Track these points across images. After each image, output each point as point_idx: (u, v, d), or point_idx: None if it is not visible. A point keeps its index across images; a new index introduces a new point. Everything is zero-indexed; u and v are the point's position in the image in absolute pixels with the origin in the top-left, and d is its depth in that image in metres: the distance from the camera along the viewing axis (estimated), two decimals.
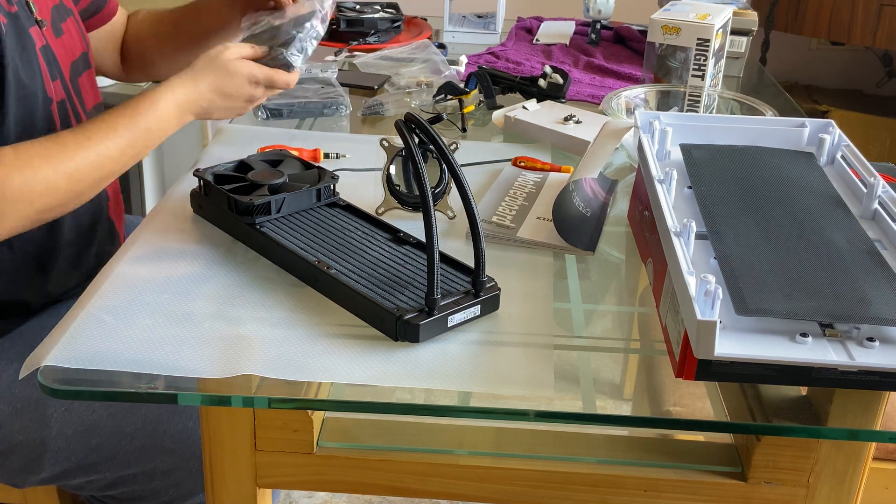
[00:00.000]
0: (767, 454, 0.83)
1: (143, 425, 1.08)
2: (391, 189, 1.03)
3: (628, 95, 1.35)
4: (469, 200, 0.83)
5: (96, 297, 0.87)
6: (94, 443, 1.08)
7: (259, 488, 0.88)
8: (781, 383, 0.77)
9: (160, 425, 1.08)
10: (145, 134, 1.01)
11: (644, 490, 0.85)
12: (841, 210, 0.89)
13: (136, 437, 1.08)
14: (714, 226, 0.85)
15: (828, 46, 2.93)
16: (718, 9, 1.51)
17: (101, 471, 1.09)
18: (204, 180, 1.00)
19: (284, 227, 0.96)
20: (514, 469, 0.86)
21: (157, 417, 1.09)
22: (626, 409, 1.18)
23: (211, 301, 0.87)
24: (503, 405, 0.77)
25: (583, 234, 1.01)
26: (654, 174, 0.91)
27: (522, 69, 1.62)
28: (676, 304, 0.77)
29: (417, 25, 1.81)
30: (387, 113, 1.39)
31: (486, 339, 0.83)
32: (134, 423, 1.08)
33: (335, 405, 0.79)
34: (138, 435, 1.08)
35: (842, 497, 0.84)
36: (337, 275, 0.87)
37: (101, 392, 0.77)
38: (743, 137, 1.03)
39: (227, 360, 0.78)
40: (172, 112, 1.03)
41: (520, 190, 1.12)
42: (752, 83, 1.71)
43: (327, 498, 1.83)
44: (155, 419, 1.09)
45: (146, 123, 1.01)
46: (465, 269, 0.89)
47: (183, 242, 0.98)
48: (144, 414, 1.09)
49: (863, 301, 0.75)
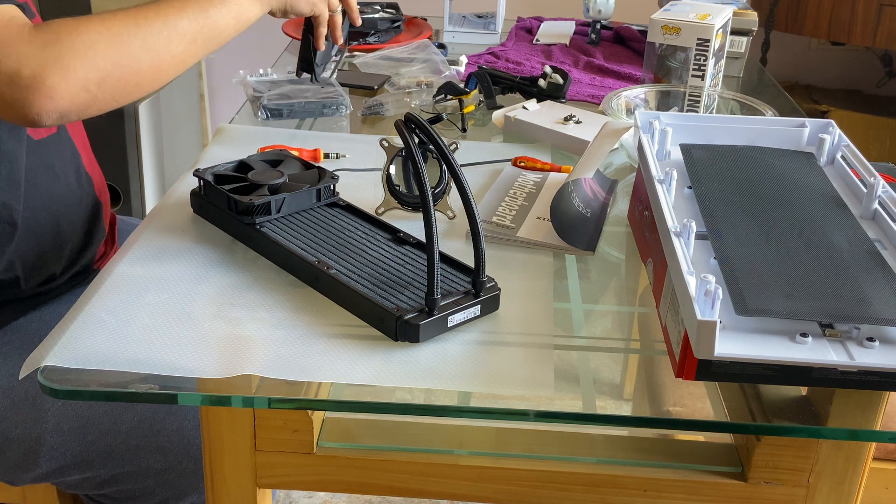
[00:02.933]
0: (767, 454, 0.83)
1: (138, 424, 1.08)
2: (391, 189, 1.03)
3: (628, 95, 1.35)
4: (469, 200, 0.83)
5: (96, 297, 0.87)
6: (89, 439, 1.08)
7: (259, 488, 0.88)
8: (781, 383, 0.77)
9: (155, 424, 1.08)
10: (220, 23, 1.02)
11: (644, 490, 0.85)
12: (841, 210, 0.89)
13: (131, 434, 1.08)
14: (714, 226, 0.85)
15: (828, 46, 2.93)
16: (718, 9, 1.51)
17: (95, 467, 1.09)
18: (204, 180, 1.00)
19: (284, 227, 0.96)
20: (514, 469, 0.86)
21: (153, 416, 1.09)
22: (626, 409, 1.18)
23: (211, 301, 0.87)
24: (503, 405, 0.77)
25: (582, 234, 1.01)
26: (654, 174, 0.91)
27: (522, 69, 1.62)
28: (676, 304, 0.77)
29: (417, 25, 1.81)
30: (387, 113, 1.39)
31: (486, 339, 0.83)
32: (129, 422, 1.08)
33: (335, 405, 0.79)
34: (133, 433, 1.08)
35: (842, 497, 0.84)
36: (337, 275, 0.87)
37: (101, 392, 0.77)
38: (743, 137, 1.03)
39: (227, 361, 0.78)
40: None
41: (520, 190, 1.12)
42: (752, 83, 1.71)
43: (327, 498, 1.83)
44: (150, 418, 1.09)
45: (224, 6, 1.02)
46: (465, 269, 0.89)
47: (183, 242, 0.98)
48: (140, 412, 1.09)
49: (863, 301, 0.75)
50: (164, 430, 1.08)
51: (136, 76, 0.94)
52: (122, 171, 2.29)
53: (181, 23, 0.98)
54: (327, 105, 1.37)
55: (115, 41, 0.92)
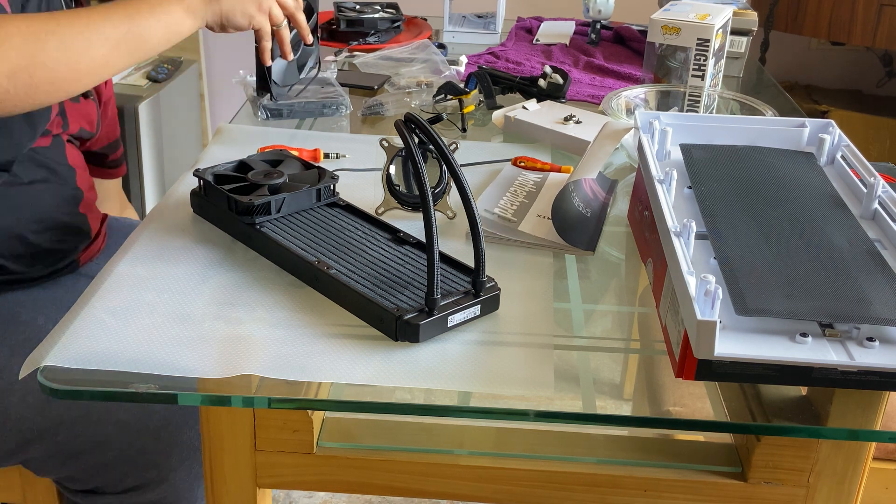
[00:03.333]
0: (767, 454, 0.83)
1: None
2: (391, 189, 1.03)
3: (628, 95, 1.35)
4: (469, 200, 0.83)
5: (96, 297, 0.87)
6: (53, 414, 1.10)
7: (259, 488, 0.88)
8: (781, 383, 0.77)
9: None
10: (150, 29, 1.01)
11: (644, 490, 0.85)
12: (841, 210, 0.89)
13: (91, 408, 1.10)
14: (714, 226, 0.85)
15: (828, 46, 2.93)
16: (718, 9, 1.51)
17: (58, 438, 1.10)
18: (204, 180, 1.00)
19: (284, 227, 0.96)
20: (514, 469, 0.86)
21: None
22: (626, 409, 1.18)
23: (211, 301, 0.87)
24: (503, 405, 0.77)
25: (583, 234, 1.01)
26: (654, 174, 0.91)
27: (522, 69, 1.62)
28: (676, 304, 0.77)
29: (417, 25, 1.81)
30: (387, 113, 1.39)
31: (486, 339, 0.83)
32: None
33: (335, 405, 0.79)
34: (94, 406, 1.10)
35: (842, 497, 0.84)
36: (337, 275, 0.87)
37: (101, 392, 0.77)
38: (743, 137, 1.03)
39: (227, 360, 0.78)
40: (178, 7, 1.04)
41: (520, 188, 1.12)
42: (752, 83, 1.71)
43: (327, 498, 1.83)
44: None
45: (152, 17, 1.01)
46: (465, 269, 0.89)
47: (183, 242, 0.98)
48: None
49: (863, 301, 0.75)
50: (125, 405, 1.09)
51: (51, 74, 0.94)
52: None
53: (104, 27, 0.97)
54: (327, 105, 1.37)
55: (32, 38, 0.92)
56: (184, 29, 1.07)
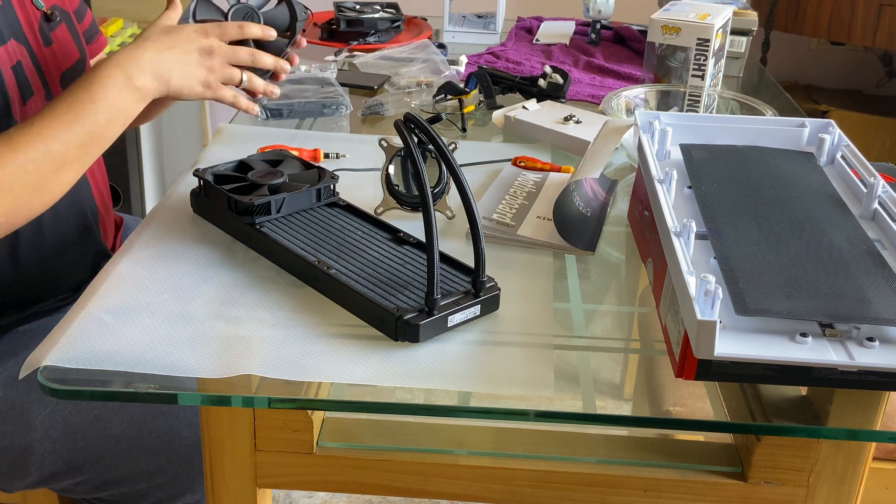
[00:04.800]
0: (767, 454, 0.83)
1: (128, 426, 1.08)
2: (390, 189, 1.03)
3: (628, 95, 1.35)
4: (469, 200, 0.83)
5: (96, 297, 0.87)
6: (80, 445, 1.07)
7: (259, 488, 0.88)
8: (781, 383, 0.77)
9: (145, 426, 1.08)
10: (104, 124, 0.96)
11: (644, 490, 0.85)
12: (841, 210, 0.89)
13: (121, 438, 1.08)
14: (714, 226, 0.85)
15: (828, 46, 2.93)
16: (718, 9, 1.51)
17: (87, 472, 1.09)
18: (204, 180, 1.00)
19: (284, 227, 0.96)
20: (514, 469, 0.86)
21: (142, 418, 1.08)
22: (626, 409, 1.18)
23: (211, 301, 0.87)
24: (503, 405, 0.77)
25: (583, 234, 1.01)
26: (654, 174, 0.91)
27: (522, 69, 1.62)
28: (676, 304, 0.77)
29: (417, 25, 1.81)
30: (387, 113, 1.39)
31: (485, 339, 0.83)
32: (119, 425, 1.08)
33: (335, 405, 0.79)
34: (124, 436, 1.08)
35: (842, 497, 0.84)
36: (337, 275, 0.87)
37: (102, 392, 0.77)
38: (743, 137, 1.03)
39: (226, 360, 0.78)
40: (122, 83, 0.96)
41: (520, 189, 1.12)
42: (752, 83, 1.71)
43: (327, 498, 1.83)
44: (140, 420, 1.08)
45: (101, 111, 0.95)
46: (465, 269, 0.89)
47: (183, 242, 0.98)
48: (130, 414, 1.08)
49: (863, 301, 0.75)
50: (155, 432, 1.08)
51: (28, 209, 0.93)
52: (122, 171, 2.29)
53: (55, 146, 0.93)
54: (327, 105, 1.37)
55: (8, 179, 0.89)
56: (130, 113, 0.99)
